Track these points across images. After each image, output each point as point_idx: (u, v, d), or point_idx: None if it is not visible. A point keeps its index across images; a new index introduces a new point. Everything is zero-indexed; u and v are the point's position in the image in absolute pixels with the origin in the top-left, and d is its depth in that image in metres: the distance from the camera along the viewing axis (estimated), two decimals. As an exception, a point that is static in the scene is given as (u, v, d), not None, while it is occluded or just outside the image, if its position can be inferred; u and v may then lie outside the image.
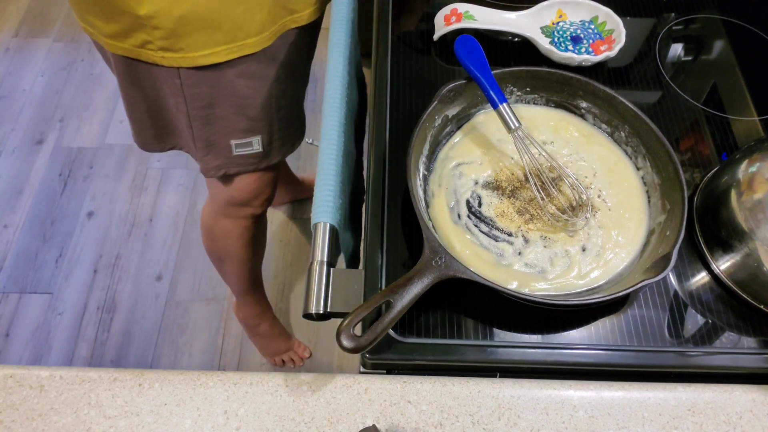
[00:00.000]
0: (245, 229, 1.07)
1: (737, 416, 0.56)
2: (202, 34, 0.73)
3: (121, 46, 0.77)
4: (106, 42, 0.77)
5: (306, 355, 1.48)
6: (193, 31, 0.73)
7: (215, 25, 0.73)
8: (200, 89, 0.80)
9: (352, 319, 0.52)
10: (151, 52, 0.75)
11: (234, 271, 1.20)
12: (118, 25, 0.74)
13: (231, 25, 0.74)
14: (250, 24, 0.75)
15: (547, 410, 0.55)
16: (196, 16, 0.72)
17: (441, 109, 0.67)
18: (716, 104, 0.78)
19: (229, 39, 0.75)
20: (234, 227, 1.07)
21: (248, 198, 1.00)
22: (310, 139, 1.29)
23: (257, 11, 0.75)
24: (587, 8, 0.83)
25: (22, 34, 2.11)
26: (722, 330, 0.60)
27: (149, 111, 0.89)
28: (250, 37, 0.77)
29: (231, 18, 0.74)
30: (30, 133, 1.87)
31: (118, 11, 0.71)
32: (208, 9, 0.72)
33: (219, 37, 0.75)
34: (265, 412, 0.54)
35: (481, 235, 0.64)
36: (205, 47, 0.75)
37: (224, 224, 1.07)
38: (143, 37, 0.74)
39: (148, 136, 0.94)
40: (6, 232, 1.68)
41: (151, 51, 0.75)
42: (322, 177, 0.65)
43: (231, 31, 0.75)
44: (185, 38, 0.73)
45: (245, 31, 0.76)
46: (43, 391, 0.55)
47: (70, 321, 1.54)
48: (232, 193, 0.99)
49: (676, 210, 0.61)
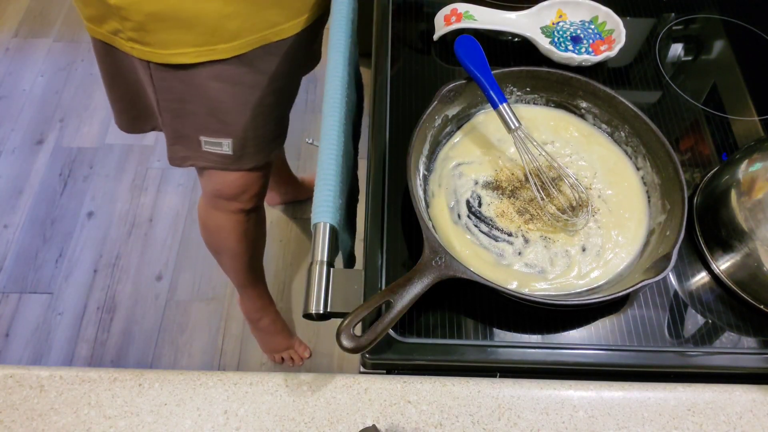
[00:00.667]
0: (237, 222, 1.07)
1: (737, 416, 0.56)
2: (172, 32, 0.73)
3: (98, 30, 0.77)
4: (86, 25, 0.78)
5: (306, 355, 1.48)
6: (163, 29, 0.73)
7: (186, 26, 0.73)
8: (170, 83, 0.80)
9: (352, 319, 0.52)
10: (122, 40, 0.76)
11: (231, 264, 1.21)
12: (94, 10, 0.74)
13: (203, 28, 0.74)
14: (223, 30, 0.75)
15: (547, 410, 0.55)
16: (166, 14, 0.71)
17: (441, 109, 0.67)
18: (716, 104, 0.78)
19: (201, 42, 0.75)
20: (226, 221, 1.07)
21: (235, 193, 1.00)
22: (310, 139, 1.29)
23: (232, 18, 0.74)
24: (587, 8, 0.83)
25: (22, 34, 2.11)
26: (722, 330, 0.60)
27: (127, 94, 0.89)
28: (223, 42, 0.76)
29: (203, 22, 0.73)
30: (30, 133, 1.87)
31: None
32: (180, 9, 0.71)
33: (189, 38, 0.74)
34: (265, 412, 0.54)
35: (481, 235, 0.64)
36: (174, 46, 0.75)
37: (216, 217, 1.07)
38: (115, 25, 0.74)
39: (128, 118, 0.95)
40: (6, 232, 1.68)
41: (123, 40, 0.76)
42: (322, 177, 0.65)
43: (203, 35, 0.74)
44: (154, 34, 0.73)
45: (218, 37, 0.75)
46: (43, 391, 0.55)
47: (70, 321, 1.54)
48: (217, 186, 0.99)
49: (676, 210, 0.61)
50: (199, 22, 0.73)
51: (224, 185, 0.98)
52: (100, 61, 0.85)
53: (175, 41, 0.74)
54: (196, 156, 0.91)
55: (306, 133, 1.88)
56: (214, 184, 0.99)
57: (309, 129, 1.90)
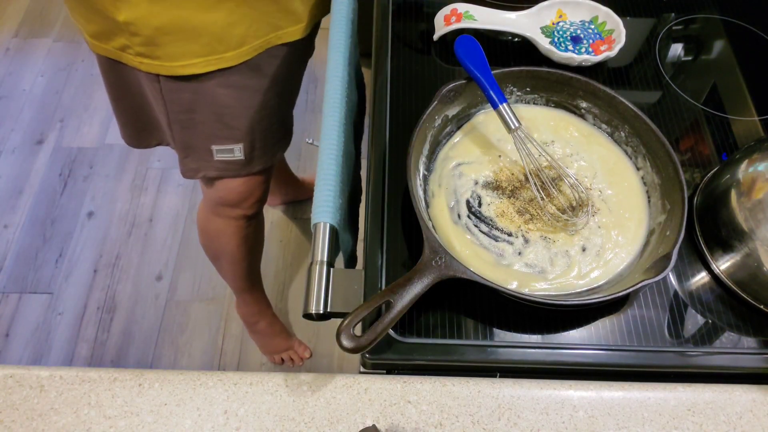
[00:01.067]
0: (238, 228, 1.07)
1: (737, 416, 0.56)
2: (180, 45, 0.73)
3: (103, 47, 0.77)
4: (90, 42, 0.77)
5: (306, 356, 1.48)
6: (172, 42, 0.73)
7: (193, 37, 0.73)
8: (180, 95, 0.80)
9: (352, 319, 0.52)
10: (130, 56, 0.76)
11: (229, 270, 1.21)
12: (100, 27, 0.74)
13: (210, 38, 0.74)
14: (229, 38, 0.75)
15: (547, 410, 0.55)
16: (175, 27, 0.71)
17: (441, 109, 0.67)
18: (716, 104, 0.78)
19: (208, 51, 0.75)
20: (226, 227, 1.07)
21: (238, 199, 1.00)
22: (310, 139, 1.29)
23: (237, 25, 0.75)
24: (587, 8, 0.83)
25: (22, 35, 2.11)
26: (722, 330, 0.60)
27: (133, 108, 0.89)
28: (230, 50, 0.76)
29: (210, 31, 0.73)
30: (30, 133, 1.87)
31: (98, 15, 0.71)
32: (187, 21, 0.71)
33: (197, 48, 0.74)
34: (265, 412, 0.54)
35: (481, 235, 0.64)
36: (183, 58, 0.75)
37: (217, 223, 1.07)
38: (123, 42, 0.74)
39: (133, 133, 0.95)
40: (6, 232, 1.68)
41: (131, 55, 0.75)
42: (322, 177, 0.65)
43: (210, 44, 0.75)
44: (163, 47, 0.73)
45: (225, 45, 0.75)
46: (43, 391, 0.55)
47: (70, 321, 1.54)
48: (221, 194, 0.99)
49: (676, 210, 0.61)
50: (206, 32, 0.73)
51: (227, 191, 0.98)
52: (105, 77, 0.85)
53: (183, 53, 0.74)
54: (208, 166, 0.91)
55: (306, 133, 1.87)
56: (218, 192, 0.99)
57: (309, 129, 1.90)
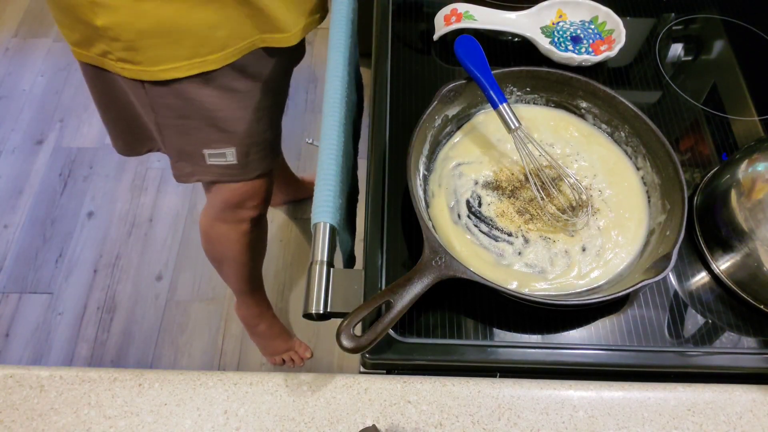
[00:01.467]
0: (243, 233, 1.07)
1: (737, 416, 0.56)
2: (162, 48, 0.72)
3: (85, 54, 0.76)
4: (72, 49, 0.77)
5: (307, 356, 1.48)
6: (153, 46, 0.72)
7: (175, 41, 0.72)
8: (167, 100, 0.79)
9: (352, 319, 0.52)
10: (112, 62, 0.75)
11: (233, 273, 1.20)
12: (81, 34, 0.73)
13: (193, 40, 0.73)
14: (212, 40, 0.74)
15: (547, 410, 0.55)
16: (155, 31, 0.70)
17: (441, 109, 0.67)
18: (716, 104, 0.78)
19: (191, 54, 0.74)
20: (231, 231, 1.06)
21: (242, 200, 1.00)
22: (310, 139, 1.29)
23: (221, 28, 0.74)
24: (587, 8, 0.83)
25: (22, 35, 2.10)
26: (722, 330, 0.60)
27: (122, 117, 0.88)
28: (214, 53, 0.75)
29: (192, 34, 0.72)
30: (30, 133, 1.87)
31: (78, 21, 0.70)
32: (167, 24, 0.70)
33: (180, 52, 0.73)
34: (265, 412, 0.54)
35: (481, 235, 0.64)
36: (165, 62, 0.74)
37: (221, 228, 1.06)
38: (103, 48, 0.73)
39: (124, 141, 0.94)
40: (6, 232, 1.68)
41: (112, 61, 0.74)
42: (322, 177, 0.65)
43: (193, 47, 0.74)
44: (144, 52, 0.72)
45: (208, 47, 0.74)
46: (43, 391, 0.55)
47: (70, 321, 1.54)
48: (225, 196, 0.98)
49: (676, 210, 0.61)
50: (188, 35, 0.72)
51: (231, 193, 0.98)
52: (91, 86, 0.84)
53: (165, 57, 0.73)
54: (201, 171, 0.91)
55: (306, 133, 1.88)
56: (222, 194, 0.98)
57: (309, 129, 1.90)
